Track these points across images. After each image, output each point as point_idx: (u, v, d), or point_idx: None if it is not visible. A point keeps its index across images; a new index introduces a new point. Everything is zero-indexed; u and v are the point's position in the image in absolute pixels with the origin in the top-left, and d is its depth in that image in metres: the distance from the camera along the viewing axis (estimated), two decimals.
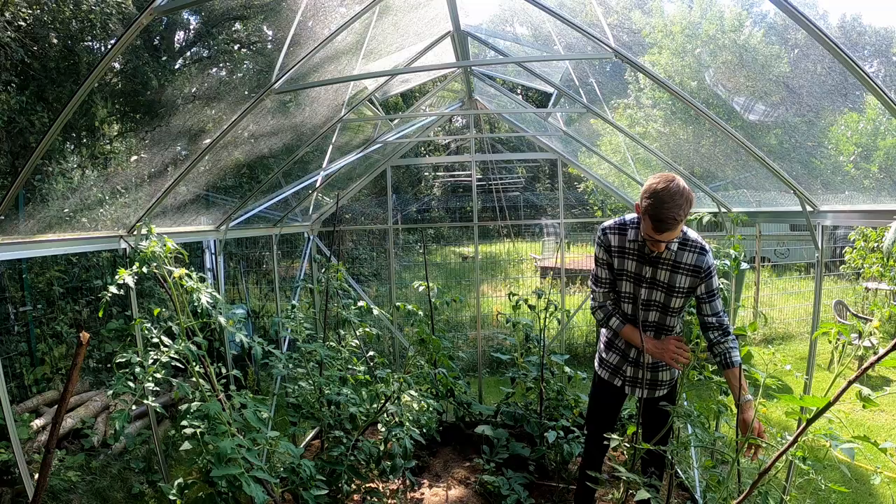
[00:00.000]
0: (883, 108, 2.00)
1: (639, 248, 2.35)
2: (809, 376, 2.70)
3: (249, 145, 3.83)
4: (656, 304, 2.38)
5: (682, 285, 2.31)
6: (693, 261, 2.28)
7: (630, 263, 2.38)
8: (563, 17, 2.35)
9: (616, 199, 5.62)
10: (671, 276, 2.31)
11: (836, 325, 1.69)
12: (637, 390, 2.55)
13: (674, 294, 2.34)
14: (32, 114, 6.35)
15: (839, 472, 2.75)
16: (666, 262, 2.31)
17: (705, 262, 2.28)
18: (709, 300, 2.31)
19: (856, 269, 8.20)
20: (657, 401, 2.53)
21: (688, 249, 2.29)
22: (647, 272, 2.36)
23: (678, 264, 2.30)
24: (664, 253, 2.29)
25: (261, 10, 9.39)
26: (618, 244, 2.40)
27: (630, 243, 2.37)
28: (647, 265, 2.35)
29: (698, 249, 2.29)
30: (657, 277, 2.34)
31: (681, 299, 2.36)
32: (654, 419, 2.54)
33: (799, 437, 1.53)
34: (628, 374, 2.56)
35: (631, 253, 2.37)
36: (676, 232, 2.15)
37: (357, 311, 3.60)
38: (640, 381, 2.52)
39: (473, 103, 4.96)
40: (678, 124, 4.32)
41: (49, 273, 5.04)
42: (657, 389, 2.55)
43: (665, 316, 2.40)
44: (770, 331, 7.88)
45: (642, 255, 2.35)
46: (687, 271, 2.30)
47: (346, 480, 3.02)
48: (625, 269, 2.40)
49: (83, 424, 4.21)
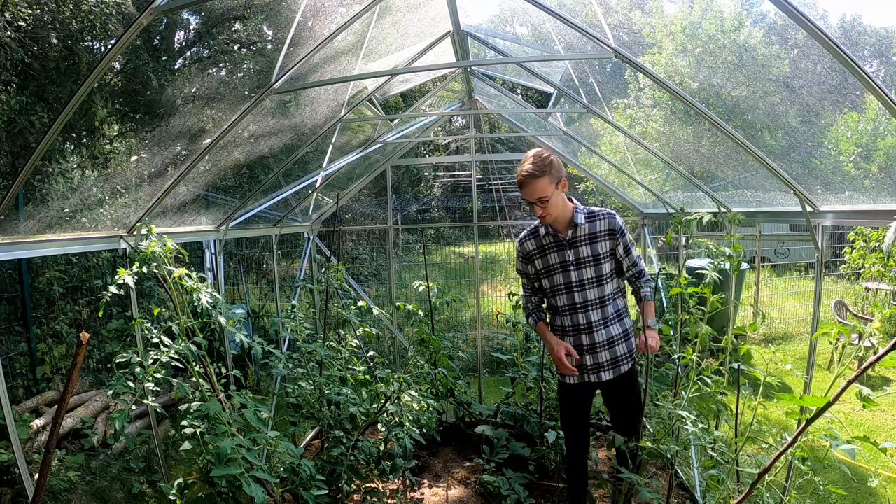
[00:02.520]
0: (883, 108, 2.00)
1: (553, 239, 2.57)
2: (809, 376, 2.69)
3: (249, 145, 3.83)
4: (590, 280, 2.56)
5: (605, 251, 2.53)
6: (606, 226, 2.52)
7: (553, 256, 2.58)
8: (563, 17, 2.35)
9: (616, 199, 5.62)
10: (591, 247, 2.53)
11: (837, 325, 1.69)
12: (603, 374, 2.60)
13: (601, 262, 2.53)
14: (32, 114, 6.34)
15: (839, 472, 2.75)
16: (582, 238, 2.53)
17: (615, 222, 2.53)
18: (626, 255, 2.56)
19: (856, 269, 8.20)
20: (622, 380, 2.62)
21: (597, 219, 2.53)
22: (569, 256, 2.55)
23: (594, 235, 2.53)
24: (578, 230, 2.52)
25: (261, 10, 9.39)
26: (535, 246, 2.63)
27: (545, 237, 2.59)
28: (568, 249, 2.55)
29: (606, 215, 2.54)
30: (580, 255, 2.54)
31: (608, 264, 2.55)
32: (623, 395, 2.66)
33: (799, 437, 1.53)
34: (589, 364, 2.60)
35: (549, 246, 2.59)
36: (538, 189, 2.37)
37: (357, 311, 3.60)
38: (602, 365, 2.59)
39: (473, 103, 4.96)
40: (678, 124, 4.32)
41: (49, 273, 5.04)
42: (620, 366, 2.61)
43: (601, 287, 2.56)
44: (770, 331, 7.88)
45: (559, 242, 2.56)
46: (604, 236, 2.53)
47: (346, 480, 3.02)
48: (550, 264, 2.59)
49: (83, 424, 4.21)
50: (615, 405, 2.73)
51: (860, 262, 7.75)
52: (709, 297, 2.75)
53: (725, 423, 2.90)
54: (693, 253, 6.62)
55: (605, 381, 2.61)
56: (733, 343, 2.74)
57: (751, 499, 1.76)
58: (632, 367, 2.64)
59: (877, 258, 7.44)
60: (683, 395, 2.75)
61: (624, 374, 2.61)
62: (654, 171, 4.63)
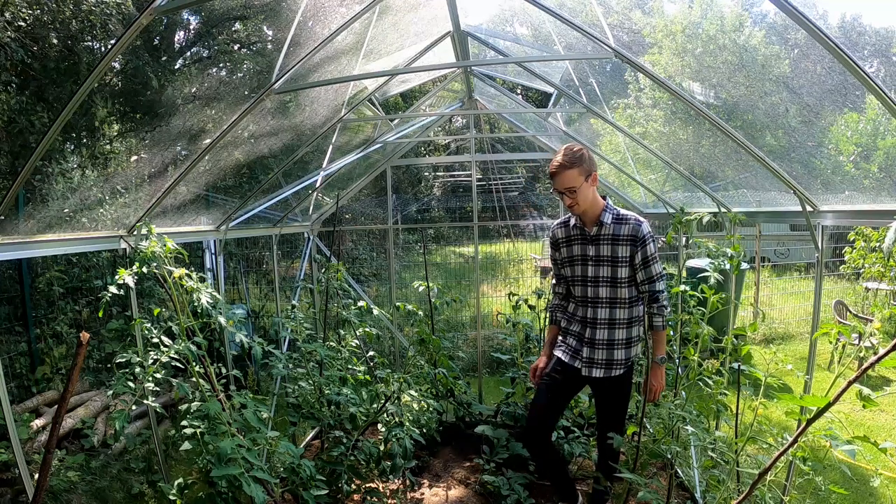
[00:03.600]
0: (883, 108, 2.00)
1: (580, 232, 2.67)
2: (810, 376, 2.69)
3: (249, 145, 3.83)
4: (605, 279, 2.62)
5: (624, 255, 2.57)
6: (629, 231, 2.57)
7: (576, 248, 2.68)
8: (563, 17, 2.35)
9: (616, 199, 5.62)
10: (612, 248, 2.59)
11: (837, 325, 1.69)
12: (594, 371, 2.66)
13: (618, 265, 2.58)
14: (32, 114, 6.34)
15: (839, 472, 2.75)
16: (605, 238, 2.59)
17: (641, 231, 2.56)
18: (643, 266, 2.57)
19: (856, 269, 8.20)
20: (613, 383, 2.67)
21: (623, 223, 2.58)
22: (590, 251, 2.63)
23: (617, 237, 2.57)
24: (603, 229, 2.59)
25: (261, 10, 9.39)
26: (563, 235, 2.75)
27: (573, 229, 2.70)
28: (591, 244, 2.63)
29: (633, 221, 2.58)
30: (601, 253, 2.61)
31: (625, 269, 2.59)
32: (610, 399, 2.72)
33: (799, 437, 1.53)
34: (584, 356, 2.68)
35: (575, 238, 2.69)
36: (567, 180, 2.47)
37: (357, 311, 3.60)
38: (596, 362, 2.66)
39: (473, 103, 4.96)
40: (678, 124, 4.32)
41: (49, 273, 5.04)
42: (613, 369, 2.65)
43: (616, 289, 2.61)
44: (770, 331, 7.88)
45: (584, 237, 2.65)
46: (626, 241, 2.56)
47: (346, 480, 3.02)
48: (573, 254, 2.69)
49: (83, 424, 4.21)
50: (601, 407, 2.81)
51: (860, 262, 7.75)
52: (709, 298, 2.75)
53: (725, 424, 2.90)
54: (693, 253, 6.62)
55: (594, 377, 2.67)
56: (733, 343, 2.74)
57: (751, 499, 1.76)
58: (624, 374, 2.68)
59: (877, 258, 7.44)
60: (683, 395, 2.75)
61: (615, 377, 2.65)
62: (654, 171, 4.63)
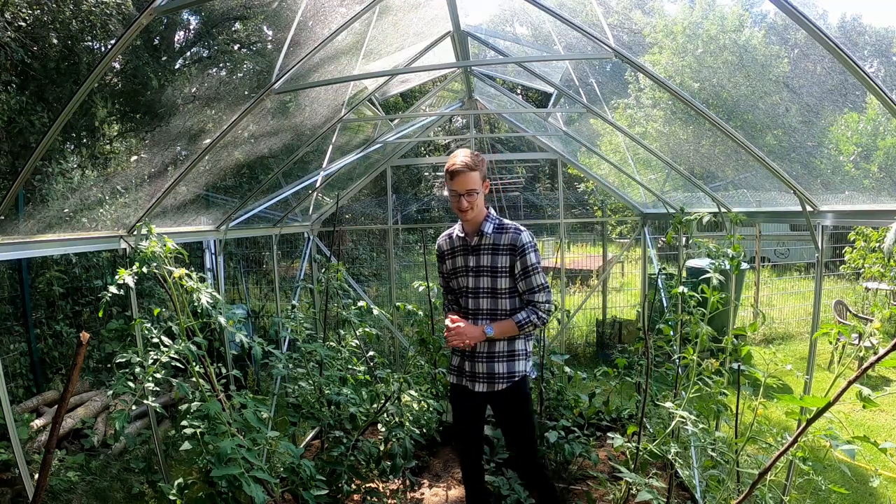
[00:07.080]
0: (883, 108, 2.00)
1: (462, 242, 2.62)
2: (810, 376, 2.69)
3: (249, 145, 3.83)
4: (485, 290, 2.56)
5: (504, 265, 2.50)
6: (509, 240, 2.49)
7: (459, 259, 2.63)
8: (563, 17, 2.35)
9: (616, 199, 5.63)
10: (492, 258, 2.52)
11: (837, 325, 1.69)
12: (477, 385, 2.57)
13: (498, 275, 2.51)
14: (32, 114, 6.35)
15: (839, 472, 2.75)
16: (486, 248, 2.53)
17: (520, 239, 2.48)
18: (523, 276, 2.49)
19: (856, 269, 8.20)
20: (501, 399, 2.57)
21: (504, 232, 2.52)
22: (471, 261, 2.57)
23: (497, 246, 2.51)
24: (483, 238, 2.53)
25: (261, 10, 9.40)
26: (448, 246, 2.68)
27: (456, 239, 2.64)
28: (472, 254, 2.57)
29: (513, 229, 2.52)
30: (481, 263, 2.55)
31: (505, 279, 2.51)
32: (507, 419, 2.62)
33: (799, 437, 1.53)
34: (467, 370, 2.60)
35: (458, 249, 2.64)
36: (470, 181, 2.42)
37: (357, 312, 3.60)
38: (478, 375, 2.56)
39: (473, 103, 4.96)
40: (678, 124, 4.32)
41: (49, 273, 5.04)
42: (496, 383, 2.54)
43: (496, 300, 2.54)
44: (770, 331, 7.88)
45: (466, 247, 2.59)
46: (505, 250, 2.49)
47: (346, 480, 3.01)
48: (456, 266, 2.64)
49: (83, 424, 4.21)
50: (501, 427, 2.74)
51: (860, 262, 7.75)
52: (709, 298, 2.75)
53: (725, 424, 2.90)
54: (693, 253, 6.62)
55: (478, 392, 2.57)
56: (733, 343, 2.74)
57: (751, 499, 1.76)
58: (511, 390, 2.55)
59: (877, 258, 7.44)
60: (683, 395, 2.75)
61: (500, 392, 2.54)
62: (654, 171, 4.64)
